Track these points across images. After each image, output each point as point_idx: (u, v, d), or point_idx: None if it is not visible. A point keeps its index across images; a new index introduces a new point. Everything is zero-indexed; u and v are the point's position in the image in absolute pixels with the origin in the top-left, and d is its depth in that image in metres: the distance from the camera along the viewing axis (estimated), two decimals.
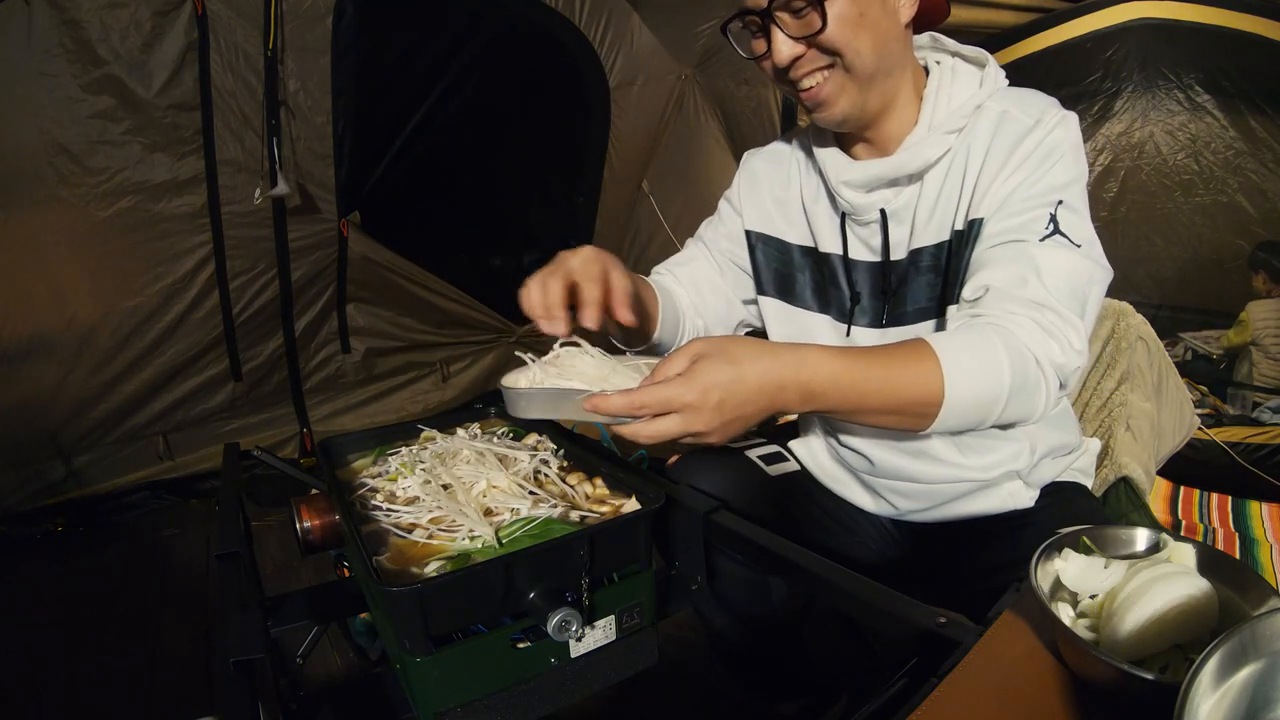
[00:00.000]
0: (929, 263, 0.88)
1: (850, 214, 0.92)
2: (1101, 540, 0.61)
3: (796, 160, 1.01)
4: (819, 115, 0.84)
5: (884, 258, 0.91)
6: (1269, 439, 2.01)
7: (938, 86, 0.86)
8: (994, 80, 0.84)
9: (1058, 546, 0.60)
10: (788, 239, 1.01)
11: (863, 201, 0.89)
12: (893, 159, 0.86)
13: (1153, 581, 0.54)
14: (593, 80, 2.94)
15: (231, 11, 2.08)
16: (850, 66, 0.79)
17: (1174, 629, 0.53)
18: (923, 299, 0.89)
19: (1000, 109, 0.83)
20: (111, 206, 2.07)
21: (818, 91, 0.81)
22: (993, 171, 0.80)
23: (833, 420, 1.00)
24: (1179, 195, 2.37)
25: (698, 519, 0.86)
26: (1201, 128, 2.29)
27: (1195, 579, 0.54)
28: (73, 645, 1.74)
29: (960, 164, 0.84)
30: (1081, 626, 0.56)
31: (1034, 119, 0.80)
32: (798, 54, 0.79)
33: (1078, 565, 0.59)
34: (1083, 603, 0.58)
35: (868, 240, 0.92)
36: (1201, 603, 0.53)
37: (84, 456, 2.27)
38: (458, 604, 0.68)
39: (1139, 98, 2.34)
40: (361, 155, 2.45)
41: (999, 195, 0.79)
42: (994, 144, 0.81)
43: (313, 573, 1.89)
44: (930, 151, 0.84)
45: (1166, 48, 2.26)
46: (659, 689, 1.46)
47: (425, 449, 0.97)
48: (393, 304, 2.72)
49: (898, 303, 0.91)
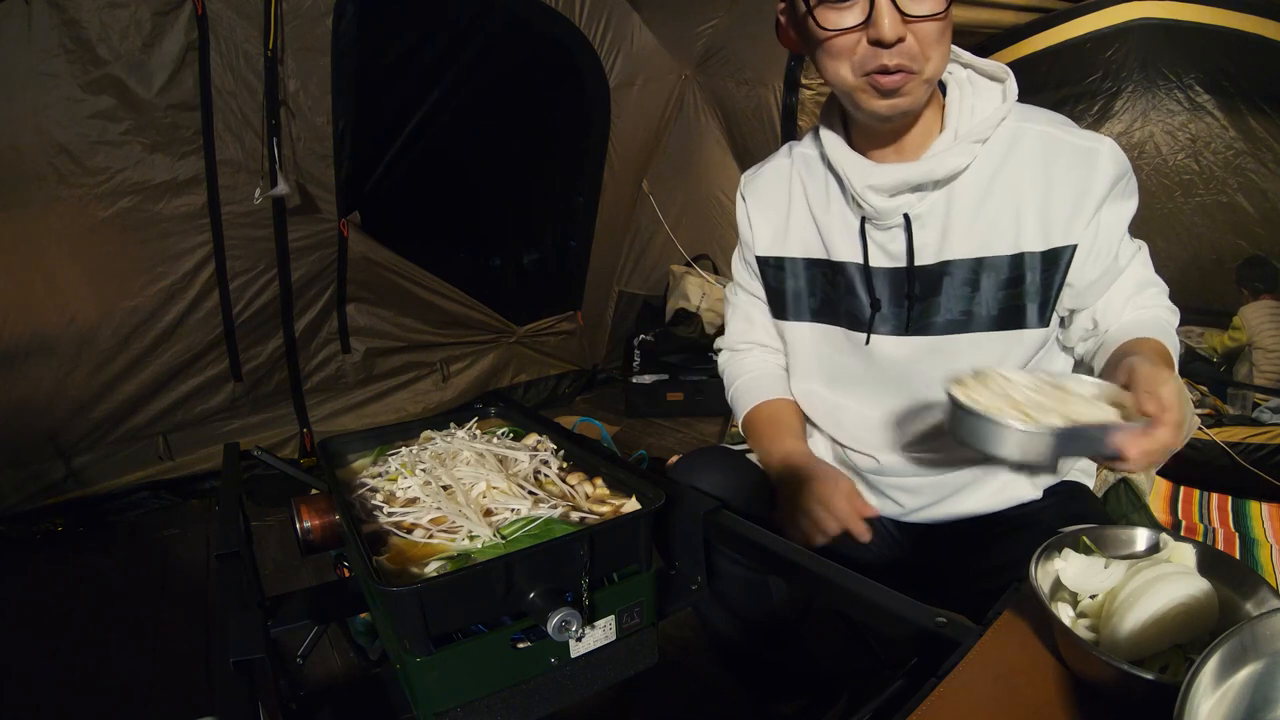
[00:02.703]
0: (967, 275, 0.88)
1: (872, 219, 0.91)
2: (1101, 540, 0.61)
3: (799, 173, 1.00)
4: (885, 103, 0.80)
5: (908, 263, 0.90)
6: (1269, 439, 2.01)
7: (960, 97, 0.87)
8: (1013, 94, 0.86)
9: (1057, 546, 0.60)
10: (795, 255, 1.01)
11: (886, 206, 0.88)
12: (920, 164, 0.86)
13: (1153, 581, 0.54)
14: (593, 80, 2.95)
15: (231, 11, 2.08)
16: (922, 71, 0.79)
17: (1174, 629, 0.52)
18: (955, 310, 0.90)
19: (1038, 129, 0.86)
20: (111, 206, 2.07)
21: (900, 81, 0.78)
22: (1070, 199, 0.84)
23: (852, 431, 1.01)
24: (1179, 195, 2.36)
25: (698, 519, 0.86)
26: (1201, 128, 2.28)
27: (1195, 579, 0.54)
28: (73, 645, 1.74)
29: (1009, 182, 0.86)
30: (1081, 626, 0.56)
31: (1089, 146, 0.84)
32: (901, 35, 0.76)
33: (1078, 565, 0.59)
34: (1083, 602, 0.58)
35: (886, 246, 0.92)
36: (1201, 603, 0.53)
37: (84, 456, 2.27)
38: (458, 604, 0.68)
39: (1139, 98, 2.34)
40: (361, 155, 2.45)
41: (1094, 229, 0.85)
42: (1054, 170, 0.84)
43: (313, 573, 1.89)
44: (957, 160, 0.85)
45: (1166, 48, 2.26)
46: (659, 689, 1.46)
47: (425, 449, 0.97)
48: (393, 304, 2.72)
49: (926, 311, 0.91)
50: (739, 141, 3.06)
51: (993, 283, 0.88)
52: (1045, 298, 0.87)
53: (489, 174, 2.96)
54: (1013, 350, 0.90)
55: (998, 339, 0.89)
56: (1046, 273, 0.86)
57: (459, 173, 2.83)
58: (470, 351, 3.03)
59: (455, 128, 2.66)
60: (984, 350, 0.90)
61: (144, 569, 2.08)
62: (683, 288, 3.40)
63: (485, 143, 2.84)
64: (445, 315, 2.85)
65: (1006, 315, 0.89)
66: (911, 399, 0.96)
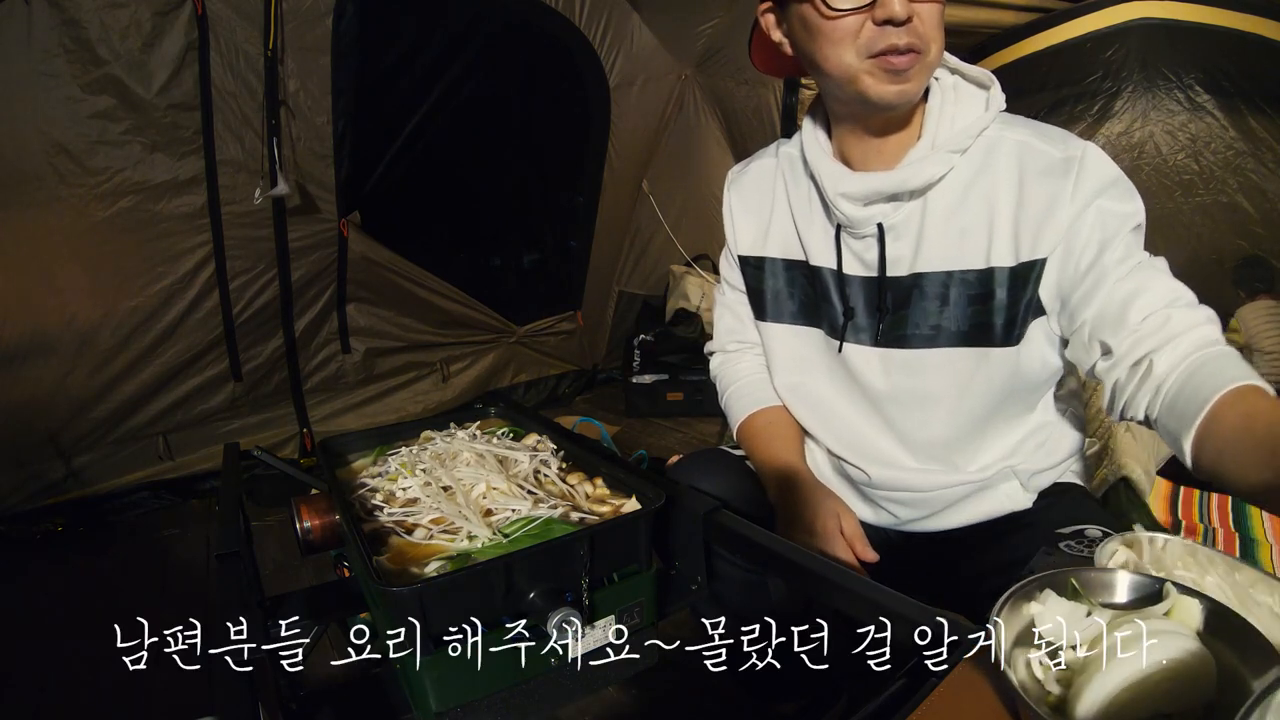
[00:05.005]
0: (937, 289, 0.86)
1: (845, 226, 0.90)
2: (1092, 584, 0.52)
3: (784, 173, 0.98)
4: (894, 88, 0.78)
5: (880, 273, 0.89)
6: None
7: (941, 104, 0.84)
8: (998, 103, 0.84)
9: (1038, 585, 0.52)
10: (775, 255, 1.00)
11: (860, 215, 0.87)
12: (894, 174, 0.84)
13: (1138, 638, 0.47)
14: (593, 80, 2.95)
15: (231, 11, 2.08)
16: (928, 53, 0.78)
17: (1160, 696, 0.46)
18: (926, 325, 0.87)
19: (1016, 139, 0.82)
20: (111, 206, 2.07)
21: (911, 61, 0.76)
22: (1040, 212, 0.79)
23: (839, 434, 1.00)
24: (1179, 195, 2.36)
25: (698, 519, 0.86)
26: (1201, 128, 2.28)
27: (1188, 640, 0.47)
28: (73, 645, 1.74)
29: (982, 194, 0.83)
30: (1052, 680, 0.49)
31: (1066, 156, 0.79)
32: (910, 14, 0.75)
33: (1056, 610, 0.51)
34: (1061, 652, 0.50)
35: (862, 255, 0.90)
36: (1194, 668, 0.46)
37: (84, 456, 2.27)
38: (458, 604, 0.68)
39: (1139, 98, 2.33)
40: (361, 155, 2.45)
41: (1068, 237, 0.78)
42: (1028, 181, 0.80)
43: (313, 573, 1.89)
44: (932, 170, 0.82)
45: (1166, 48, 2.26)
46: (659, 689, 1.46)
47: (425, 449, 0.97)
48: (393, 304, 2.72)
49: (897, 323, 0.89)
50: (739, 141, 3.06)
51: (962, 297, 0.85)
52: (1012, 315, 0.83)
53: (489, 174, 2.96)
54: (980, 369, 0.87)
55: (966, 355, 0.87)
56: (1014, 289, 0.82)
57: (459, 172, 2.83)
58: (470, 351, 3.03)
59: (455, 127, 2.66)
60: (954, 366, 0.87)
61: (144, 569, 2.08)
62: (683, 288, 3.40)
63: (485, 142, 2.84)
64: (445, 315, 2.85)
65: (974, 332, 0.85)
66: (893, 412, 0.94)
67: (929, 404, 0.91)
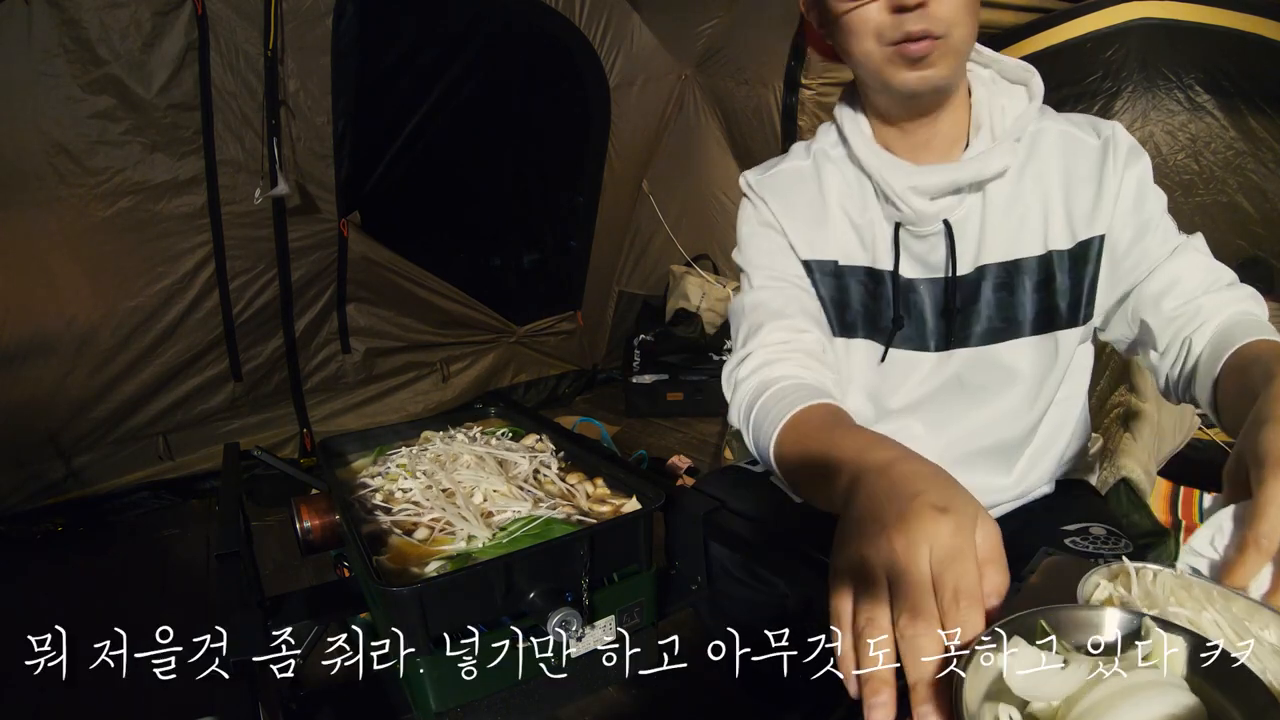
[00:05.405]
0: (999, 280, 0.85)
1: (909, 224, 0.86)
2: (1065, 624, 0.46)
3: (822, 174, 0.92)
4: (914, 74, 0.76)
5: (949, 273, 0.85)
6: None
7: (988, 95, 0.84)
8: (1040, 93, 0.84)
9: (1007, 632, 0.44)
10: (840, 261, 0.92)
11: (929, 210, 0.83)
12: (965, 165, 0.82)
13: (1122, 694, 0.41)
14: (593, 80, 2.95)
15: (231, 11, 2.08)
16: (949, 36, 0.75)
17: None
18: (990, 319, 0.86)
19: (1059, 128, 0.84)
20: (111, 206, 2.08)
21: (928, 47, 0.74)
22: (1091, 193, 0.82)
23: None
24: (1179, 195, 2.36)
25: (698, 519, 0.86)
26: (1201, 128, 2.28)
27: (1179, 693, 0.41)
28: (73, 645, 1.74)
29: (1035, 181, 0.83)
30: None
31: (1103, 139, 0.83)
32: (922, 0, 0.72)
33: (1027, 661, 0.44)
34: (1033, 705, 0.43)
35: (924, 256, 0.87)
36: None
37: (84, 456, 2.27)
38: (458, 604, 0.68)
39: (1139, 98, 2.33)
40: (361, 155, 2.45)
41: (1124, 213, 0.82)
42: (1075, 168, 0.83)
43: (313, 573, 1.89)
44: (1001, 160, 0.82)
45: (1166, 48, 2.26)
46: (659, 689, 1.46)
47: (425, 451, 0.97)
48: (393, 304, 2.72)
49: (965, 322, 0.87)
50: (739, 141, 3.07)
51: (1026, 285, 0.85)
52: (1077, 295, 0.84)
53: (489, 174, 2.96)
54: (1051, 354, 0.86)
55: (1036, 343, 0.86)
56: (1075, 269, 0.84)
57: (459, 172, 2.83)
58: (470, 351, 3.03)
59: (455, 127, 2.66)
60: (1024, 356, 0.86)
61: (144, 569, 2.08)
62: (683, 288, 3.40)
63: (485, 142, 2.84)
64: (445, 315, 2.85)
65: (1042, 318, 0.85)
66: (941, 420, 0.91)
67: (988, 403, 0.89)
